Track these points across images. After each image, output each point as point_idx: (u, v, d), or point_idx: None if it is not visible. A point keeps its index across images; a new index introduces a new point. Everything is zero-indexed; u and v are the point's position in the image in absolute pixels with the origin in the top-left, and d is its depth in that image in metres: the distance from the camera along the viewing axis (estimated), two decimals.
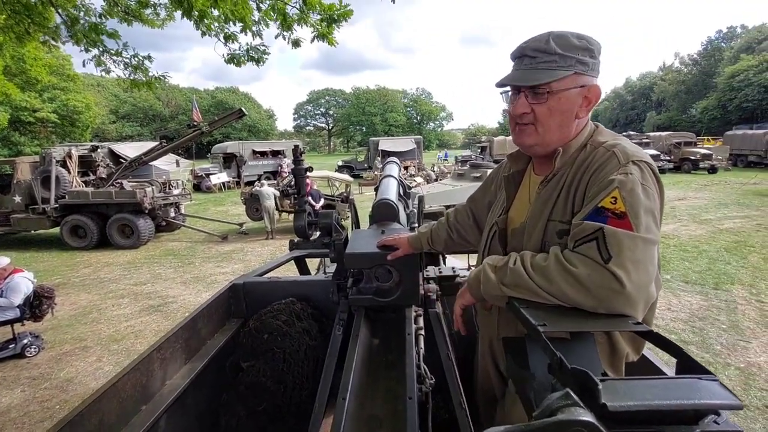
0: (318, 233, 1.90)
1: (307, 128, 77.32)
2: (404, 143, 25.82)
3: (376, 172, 21.11)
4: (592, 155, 0.96)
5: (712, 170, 20.50)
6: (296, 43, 4.30)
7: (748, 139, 23.09)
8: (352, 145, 71.75)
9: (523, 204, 1.13)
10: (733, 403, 0.45)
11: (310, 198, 9.40)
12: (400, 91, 75.41)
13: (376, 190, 2.99)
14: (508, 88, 1.03)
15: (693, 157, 20.96)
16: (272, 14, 3.90)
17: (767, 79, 35.99)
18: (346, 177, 12.49)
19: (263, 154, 22.90)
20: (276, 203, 9.87)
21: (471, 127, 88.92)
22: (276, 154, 23.17)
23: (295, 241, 1.84)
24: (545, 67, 0.95)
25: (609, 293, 0.74)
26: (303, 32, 8.87)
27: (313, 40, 4.34)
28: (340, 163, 26.31)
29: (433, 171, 20.24)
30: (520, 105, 0.98)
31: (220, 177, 20.60)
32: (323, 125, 77.96)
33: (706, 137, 28.19)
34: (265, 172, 21.26)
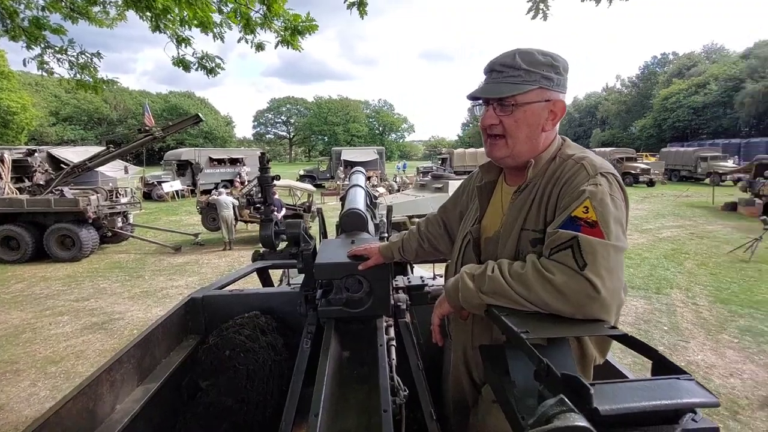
0: (284, 243, 1.84)
1: (268, 136, 75.70)
2: (367, 153, 25.96)
3: (338, 182, 21.04)
4: (562, 167, 1.00)
5: (651, 184, 22.27)
6: (260, 47, 4.21)
7: (680, 156, 25.39)
8: (314, 154, 71.08)
9: (496, 213, 1.15)
10: (711, 400, 0.47)
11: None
12: (362, 101, 76.03)
13: (341, 200, 2.97)
14: (479, 101, 1.07)
15: (634, 172, 22.63)
16: (236, 18, 3.81)
17: (695, 102, 40.03)
18: (308, 186, 12.33)
19: (221, 161, 22.12)
20: (235, 212, 9.52)
21: (431, 139, 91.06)
22: (234, 162, 22.45)
23: (261, 251, 1.77)
24: (511, 81, 1.00)
25: (585, 299, 0.77)
26: (267, 36, 8.72)
27: (277, 46, 4.28)
28: (301, 173, 25.96)
29: (395, 182, 20.44)
30: (488, 117, 1.04)
31: (173, 185, 19.61)
32: (284, 134, 76.69)
33: (644, 153, 30.58)
34: (222, 181, 20.52)
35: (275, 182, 1.63)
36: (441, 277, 2.02)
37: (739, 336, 4.66)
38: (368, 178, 22.79)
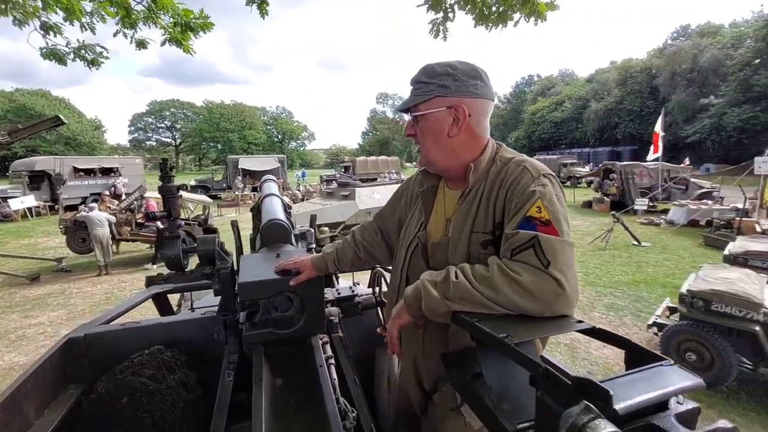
0: (187, 262, 1.60)
1: (149, 143, 67.35)
2: (267, 162, 24.84)
3: (237, 193, 19.69)
4: (505, 170, 1.04)
5: None
6: (141, 44, 3.70)
7: (547, 163, 29.12)
8: (206, 162, 65.45)
9: (439, 218, 1.16)
10: (697, 382, 0.51)
11: (158, 223, 8.12)
12: (259, 108, 72.63)
13: (252, 210, 2.75)
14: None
15: None
16: (110, 7, 3.27)
17: (555, 117, 47.57)
18: (203, 198, 11.26)
19: (90, 172, 18.92)
20: (112, 230, 8.20)
21: (333, 147, 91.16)
22: (107, 172, 19.44)
23: (165, 275, 1.51)
24: (416, 94, 1.08)
25: (552, 297, 0.79)
26: (151, 33, 7.77)
27: (164, 44, 3.81)
28: (193, 183, 23.60)
29: (299, 190, 19.92)
30: (408, 128, 1.13)
31: (24, 201, 16.09)
32: (169, 140, 69.07)
33: None
34: (92, 194, 17.58)
35: (181, 193, 1.39)
36: (359, 285, 1.97)
37: (605, 312, 5.54)
38: None
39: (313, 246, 1.47)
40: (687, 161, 20.12)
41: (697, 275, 4.18)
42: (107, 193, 12.17)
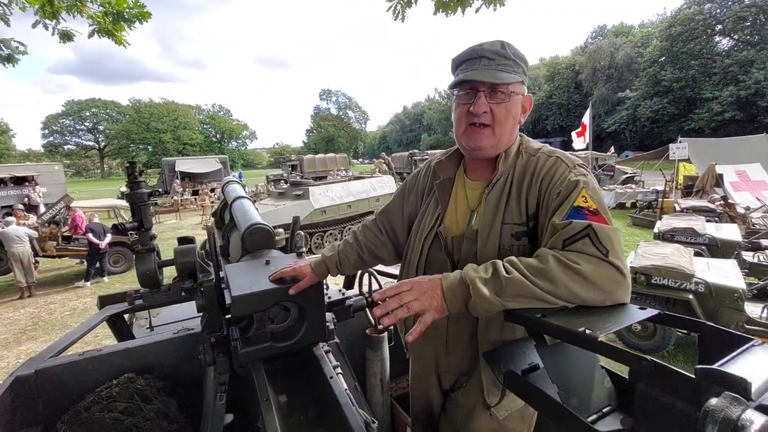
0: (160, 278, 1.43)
1: (67, 147, 60.65)
2: (207, 163, 23.44)
3: (176, 197, 18.38)
4: (534, 161, 1.02)
5: None
6: (66, 36, 3.29)
7: None
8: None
9: (461, 210, 1.12)
10: None
11: (90, 235, 7.34)
12: (193, 106, 68.26)
13: (215, 215, 2.55)
14: (456, 89, 1.04)
15: None
16: None
17: None
18: None
19: None
20: (34, 247, 7.28)
21: (276, 146, 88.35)
22: (20, 181, 17.21)
23: (141, 291, 1.33)
24: (504, 69, 0.99)
25: (614, 285, 0.77)
26: (75, 24, 6.97)
27: (92, 35, 3.42)
28: (123, 189, 21.60)
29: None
30: (481, 104, 0.99)
31: None
32: (92, 143, 62.74)
33: None
34: (2, 207, 15.48)
35: (153, 200, 1.22)
36: (336, 285, 1.90)
37: None
38: (212, 190, 20.63)
39: (304, 250, 1.37)
40: (612, 149, 22.07)
41: (635, 252, 4.57)
42: (20, 206, 10.69)
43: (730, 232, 5.69)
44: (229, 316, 1.26)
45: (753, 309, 3.83)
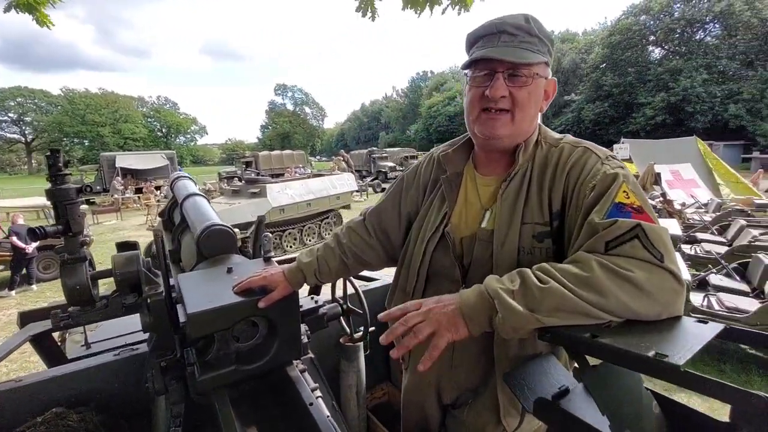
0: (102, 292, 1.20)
1: None
2: (152, 159, 21.89)
3: (116, 196, 16.99)
4: (557, 152, 0.91)
5: None
6: None
7: None
8: (70, 162, 55.32)
9: (471, 208, 1.00)
10: None
11: (14, 238, 6.54)
12: (135, 98, 63.70)
13: (162, 216, 2.28)
14: (468, 70, 0.91)
15: None
16: None
17: (450, 111, 51.08)
18: None
19: None
20: None
21: (229, 142, 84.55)
22: None
23: (70, 309, 1.09)
24: (527, 48, 0.86)
25: (672, 295, 0.67)
26: None
27: (9, 9, 2.97)
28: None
29: None
30: (499, 87, 0.86)
31: None
32: (17, 136, 56.59)
33: (421, 152, 36.85)
34: None
35: (83, 197, 0.98)
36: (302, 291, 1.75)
37: None
38: (157, 188, 19.29)
39: (272, 255, 1.20)
40: None
41: None
42: None
43: (671, 226, 6.11)
44: (182, 334, 1.07)
45: (695, 298, 4.10)
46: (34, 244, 6.74)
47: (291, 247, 8.73)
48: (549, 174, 0.90)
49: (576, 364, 0.69)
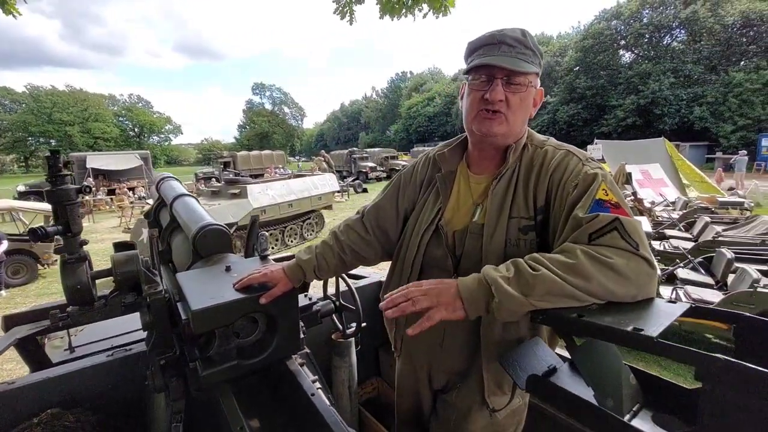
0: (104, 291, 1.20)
1: None
2: (125, 159, 21.23)
3: (87, 198, 16.38)
4: (542, 153, 1.00)
5: None
6: None
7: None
8: (35, 162, 52.91)
9: (463, 204, 1.08)
10: None
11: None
12: (106, 96, 61.54)
13: (148, 215, 2.26)
14: (468, 75, 1.01)
15: (397, 168, 26.97)
16: None
17: (429, 112, 51.51)
18: (42, 206, 9.03)
19: None
20: None
21: (205, 142, 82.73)
22: None
23: (69, 309, 1.08)
24: (523, 59, 0.95)
25: (646, 278, 0.75)
26: None
27: None
28: (21, 188, 18.71)
29: None
30: (498, 91, 0.95)
31: None
32: None
33: (401, 153, 37.05)
34: None
35: (83, 198, 0.98)
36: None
37: None
38: (131, 189, 18.74)
39: (268, 253, 1.23)
40: None
41: None
42: None
43: (641, 223, 6.42)
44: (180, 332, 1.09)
45: (664, 292, 4.33)
46: (4, 246, 6.46)
47: (273, 248, 8.66)
48: (534, 173, 1.00)
49: (560, 348, 0.77)
